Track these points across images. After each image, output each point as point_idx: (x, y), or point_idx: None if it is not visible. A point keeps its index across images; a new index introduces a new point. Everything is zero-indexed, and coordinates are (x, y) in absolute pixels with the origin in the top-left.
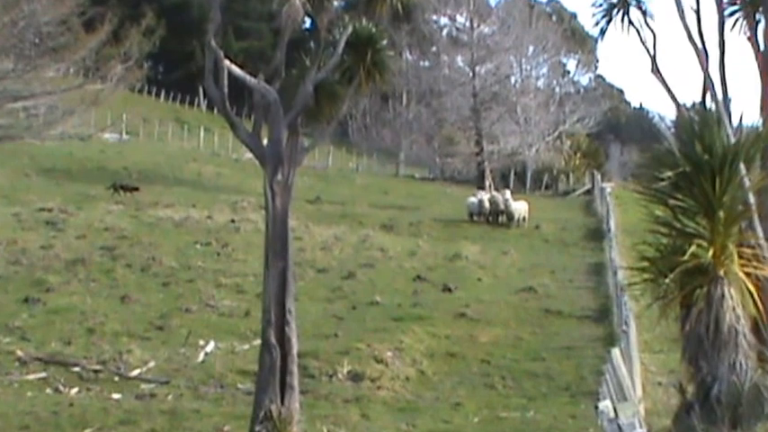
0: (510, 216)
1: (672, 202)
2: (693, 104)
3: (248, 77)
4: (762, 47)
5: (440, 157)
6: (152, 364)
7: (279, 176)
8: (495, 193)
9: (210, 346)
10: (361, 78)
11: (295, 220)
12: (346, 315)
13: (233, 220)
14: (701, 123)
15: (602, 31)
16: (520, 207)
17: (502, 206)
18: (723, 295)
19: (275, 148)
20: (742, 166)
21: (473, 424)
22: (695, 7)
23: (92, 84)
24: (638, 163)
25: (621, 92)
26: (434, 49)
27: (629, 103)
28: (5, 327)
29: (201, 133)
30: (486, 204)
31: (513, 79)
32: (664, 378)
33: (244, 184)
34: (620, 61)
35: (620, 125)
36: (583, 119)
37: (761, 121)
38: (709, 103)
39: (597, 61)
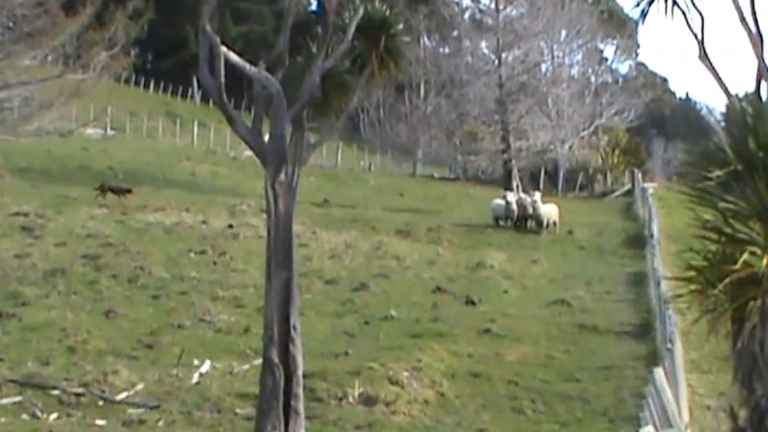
0: (539, 221)
1: (722, 204)
2: (746, 94)
3: (248, 66)
4: None
5: (462, 155)
6: (140, 386)
7: (282, 176)
8: (522, 195)
9: (206, 367)
10: (374, 67)
11: (300, 224)
12: (358, 331)
13: (231, 226)
14: (755, 116)
15: (644, 14)
16: (549, 211)
17: (530, 210)
18: None
19: (278, 145)
20: None
21: None
22: None
23: (72, 73)
24: (683, 161)
25: (665, 81)
26: (456, 33)
27: (673, 94)
28: None
29: (195, 128)
30: (514, 207)
31: (543, 67)
32: (713, 401)
33: (243, 186)
34: (664, 47)
35: (664, 118)
36: (622, 111)
37: None
38: (764, 93)
39: (638, 47)
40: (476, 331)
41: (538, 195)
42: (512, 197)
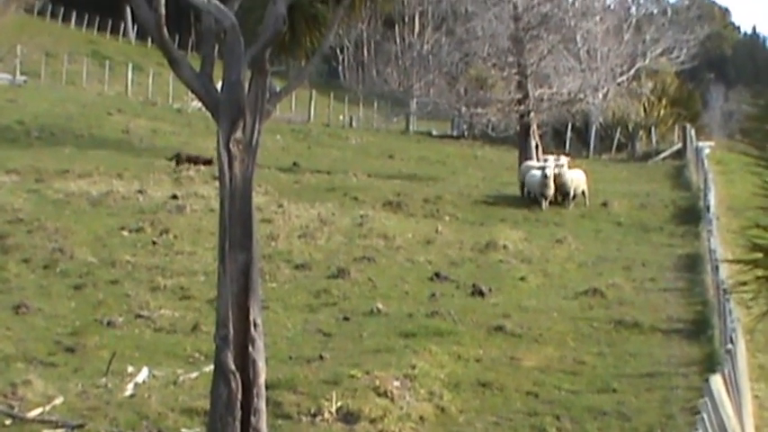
0: (564, 190)
1: None
2: None
3: None
4: None
5: (467, 107)
6: (59, 400)
7: (239, 134)
8: (544, 157)
9: (143, 375)
10: None
11: (263, 195)
12: (336, 329)
13: (175, 197)
14: None
15: None
16: (576, 177)
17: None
18: None
19: (234, 94)
20: None
21: None
22: None
23: None
24: (748, 113)
25: (726, 12)
26: None
27: (737, 28)
28: None
29: (129, 74)
30: (551, 182)
31: None
32: None
33: (189, 146)
34: None
35: (724, 59)
36: (671, 50)
37: None
38: None
39: None
40: (485, 329)
41: (563, 159)
42: (552, 163)
